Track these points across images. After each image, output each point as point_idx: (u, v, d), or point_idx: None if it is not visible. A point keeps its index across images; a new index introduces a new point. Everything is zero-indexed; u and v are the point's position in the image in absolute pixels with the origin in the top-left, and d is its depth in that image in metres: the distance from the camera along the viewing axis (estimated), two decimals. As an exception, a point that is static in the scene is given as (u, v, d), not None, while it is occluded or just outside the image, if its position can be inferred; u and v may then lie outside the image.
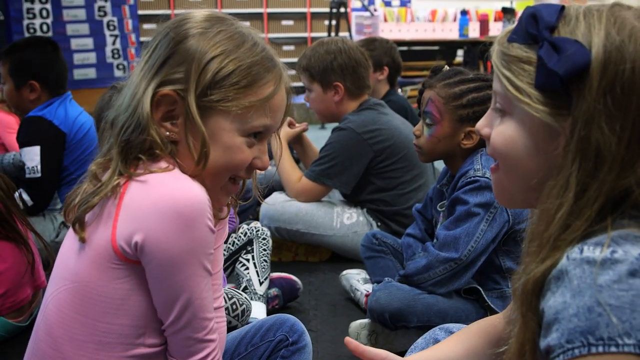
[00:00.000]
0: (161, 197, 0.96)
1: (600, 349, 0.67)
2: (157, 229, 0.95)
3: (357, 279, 2.17)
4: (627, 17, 0.77)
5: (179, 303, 0.99)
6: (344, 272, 2.24)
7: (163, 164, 1.02)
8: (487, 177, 1.66)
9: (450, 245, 1.66)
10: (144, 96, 1.02)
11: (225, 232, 1.24)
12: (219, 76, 1.02)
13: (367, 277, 2.16)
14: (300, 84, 2.68)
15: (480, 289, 1.71)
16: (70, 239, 1.06)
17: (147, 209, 0.96)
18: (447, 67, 1.84)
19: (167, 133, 1.03)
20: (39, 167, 2.52)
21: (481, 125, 0.94)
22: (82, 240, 1.01)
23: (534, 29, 0.81)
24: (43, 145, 2.52)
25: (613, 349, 0.67)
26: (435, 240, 1.74)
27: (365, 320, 1.82)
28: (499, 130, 0.88)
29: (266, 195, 2.66)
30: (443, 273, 1.67)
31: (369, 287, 2.08)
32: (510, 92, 0.83)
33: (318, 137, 3.17)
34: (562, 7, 0.81)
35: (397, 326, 1.70)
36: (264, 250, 2.07)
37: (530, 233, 0.84)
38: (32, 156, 2.51)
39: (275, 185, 3.05)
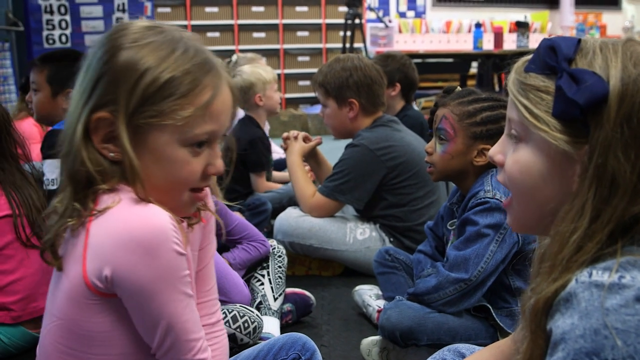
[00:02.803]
0: (120, 230, 0.96)
1: None
2: (121, 261, 0.95)
3: (369, 295, 2.18)
4: None
5: (160, 329, 1.00)
6: (357, 287, 2.25)
7: (116, 194, 1.00)
8: (497, 199, 1.68)
9: (460, 266, 1.68)
10: (78, 124, 1.00)
11: (213, 249, 1.22)
12: (149, 92, 0.97)
13: (380, 292, 2.17)
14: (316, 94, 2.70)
15: (490, 307, 1.73)
16: (53, 276, 1.07)
17: (108, 243, 0.96)
18: (459, 88, 1.88)
19: (112, 154, 1.00)
20: (58, 179, 2.56)
21: (495, 152, 0.95)
22: (59, 269, 1.03)
23: (553, 60, 0.84)
24: None
25: None
26: (445, 260, 1.76)
27: (377, 338, 1.83)
28: (514, 158, 0.90)
29: (280, 210, 2.69)
30: (453, 293, 1.69)
31: (381, 303, 2.10)
32: (527, 119, 0.86)
33: (333, 148, 3.19)
34: (579, 41, 0.85)
35: (407, 344, 1.71)
36: (280, 267, 2.10)
37: (541, 254, 0.87)
38: (53, 169, 2.55)
39: (287, 202, 3.07)
